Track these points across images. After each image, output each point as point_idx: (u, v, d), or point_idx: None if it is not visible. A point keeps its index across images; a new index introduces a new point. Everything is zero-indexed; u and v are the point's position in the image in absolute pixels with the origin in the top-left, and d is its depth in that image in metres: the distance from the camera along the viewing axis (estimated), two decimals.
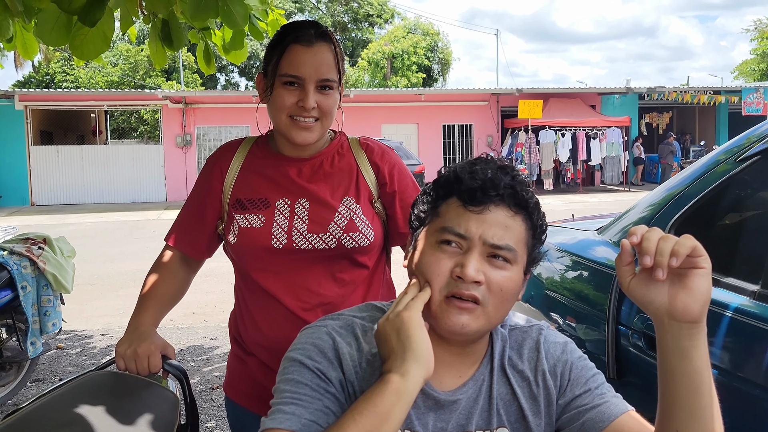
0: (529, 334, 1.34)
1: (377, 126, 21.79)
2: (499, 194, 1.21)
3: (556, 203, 18.49)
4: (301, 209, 1.79)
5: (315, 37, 1.73)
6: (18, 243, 4.49)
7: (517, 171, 1.27)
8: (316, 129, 1.76)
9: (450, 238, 1.21)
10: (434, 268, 1.21)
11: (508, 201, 1.22)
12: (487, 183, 1.21)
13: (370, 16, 42.82)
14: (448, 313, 1.19)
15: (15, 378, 4.53)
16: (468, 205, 1.21)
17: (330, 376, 1.21)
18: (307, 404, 1.17)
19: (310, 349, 1.24)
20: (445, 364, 1.27)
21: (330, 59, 1.74)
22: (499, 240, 1.20)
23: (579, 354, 1.33)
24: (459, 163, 1.28)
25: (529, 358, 1.31)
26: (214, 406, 4.47)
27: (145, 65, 38.39)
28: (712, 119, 25.58)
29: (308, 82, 1.72)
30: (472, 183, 1.21)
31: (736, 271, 1.91)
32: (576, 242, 2.66)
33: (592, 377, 1.30)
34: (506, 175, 1.23)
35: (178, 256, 1.90)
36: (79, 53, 2.93)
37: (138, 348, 1.65)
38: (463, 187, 1.22)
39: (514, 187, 1.23)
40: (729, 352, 1.75)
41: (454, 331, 1.20)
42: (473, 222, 1.20)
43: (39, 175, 20.50)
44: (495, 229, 1.20)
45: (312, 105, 1.72)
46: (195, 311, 7.02)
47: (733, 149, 2.12)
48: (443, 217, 1.24)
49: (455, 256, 1.20)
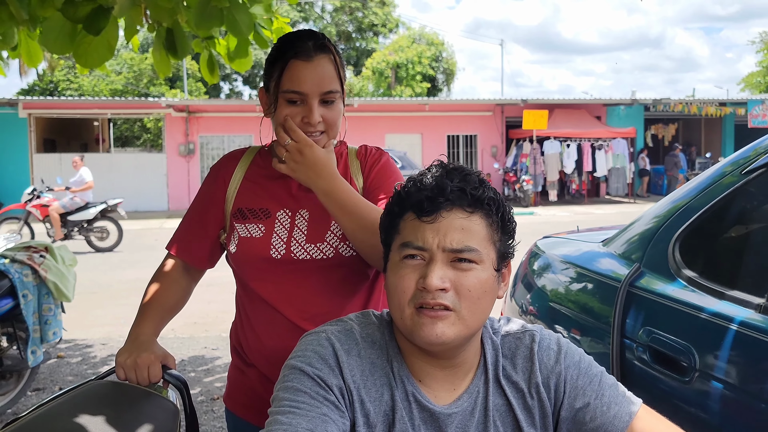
0: (523, 342, 1.33)
1: (381, 135, 21.81)
2: (448, 199, 1.22)
3: (561, 214, 18.48)
4: (301, 220, 1.78)
5: (314, 50, 1.72)
6: (20, 251, 4.48)
7: (469, 171, 1.28)
8: (322, 141, 1.76)
9: (411, 252, 1.22)
10: (402, 284, 1.22)
11: (460, 203, 1.22)
12: (434, 191, 1.22)
13: (375, 25, 42.92)
14: (422, 324, 1.19)
15: (15, 387, 4.51)
16: (421, 216, 1.22)
17: (330, 384, 1.21)
18: (305, 412, 1.16)
19: (310, 356, 1.24)
20: (437, 378, 1.27)
21: (331, 71, 1.73)
22: (458, 243, 1.20)
23: (575, 359, 1.32)
24: (410, 176, 1.30)
25: (522, 368, 1.31)
26: (215, 417, 4.45)
27: (149, 74, 38.48)
28: (718, 131, 25.57)
29: (311, 97, 1.71)
30: (419, 195, 1.23)
31: (742, 284, 1.90)
32: (581, 254, 2.64)
33: (589, 385, 1.28)
34: (453, 179, 1.24)
35: (179, 265, 1.89)
36: (83, 61, 2.94)
37: (138, 358, 1.64)
38: (413, 200, 1.24)
39: (463, 189, 1.23)
40: (734, 366, 1.73)
41: (432, 342, 1.19)
42: (429, 232, 1.21)
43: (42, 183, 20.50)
44: (452, 234, 1.21)
45: (317, 120, 1.71)
46: (196, 321, 7.01)
47: (739, 161, 2.11)
48: (402, 233, 1.26)
49: (419, 268, 1.22)
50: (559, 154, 21.54)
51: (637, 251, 2.25)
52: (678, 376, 1.84)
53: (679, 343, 1.86)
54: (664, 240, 2.16)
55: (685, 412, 1.80)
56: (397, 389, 1.25)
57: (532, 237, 3.39)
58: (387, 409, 1.24)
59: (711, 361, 1.76)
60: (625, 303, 2.08)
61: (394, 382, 1.26)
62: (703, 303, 1.88)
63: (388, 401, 1.25)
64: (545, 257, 2.82)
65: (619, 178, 22.39)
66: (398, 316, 1.23)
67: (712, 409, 1.74)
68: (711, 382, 1.75)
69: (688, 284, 1.98)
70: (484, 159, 23.25)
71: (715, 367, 1.75)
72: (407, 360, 1.28)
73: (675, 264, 2.07)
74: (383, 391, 1.25)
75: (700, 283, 1.96)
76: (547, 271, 2.74)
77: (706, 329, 1.81)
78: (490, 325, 1.36)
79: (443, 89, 40.13)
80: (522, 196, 20.73)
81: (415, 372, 1.27)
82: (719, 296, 1.87)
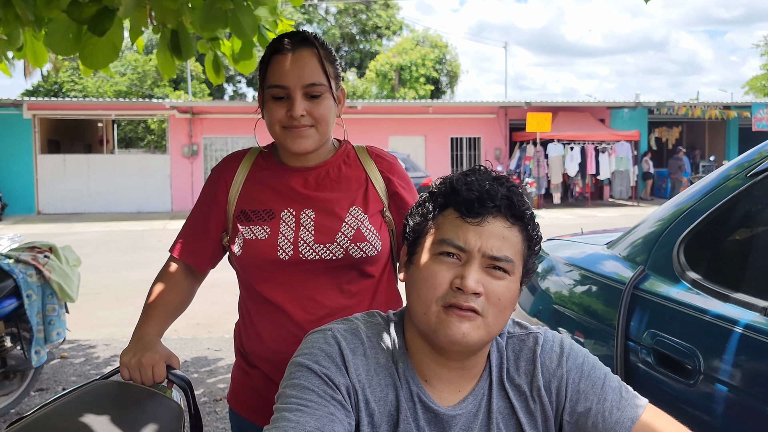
0: (526, 344, 1.33)
1: (385, 138, 21.81)
2: (496, 205, 1.22)
3: (564, 217, 18.46)
4: (307, 219, 1.77)
5: (296, 44, 1.73)
6: (24, 251, 4.49)
7: (513, 182, 1.28)
8: (312, 135, 1.75)
9: (449, 250, 1.21)
10: (434, 280, 1.21)
11: (505, 212, 1.22)
12: (484, 194, 1.21)
13: (379, 27, 42.96)
14: (448, 322, 1.19)
15: (18, 387, 4.51)
16: (466, 216, 1.21)
17: (338, 383, 1.21)
18: (313, 411, 1.15)
19: (317, 354, 1.24)
20: (444, 379, 1.27)
21: (314, 63, 1.73)
22: (498, 251, 1.20)
23: (577, 361, 1.31)
24: (454, 174, 1.28)
25: (525, 371, 1.30)
26: (218, 418, 4.45)
27: (153, 75, 38.56)
28: (722, 134, 25.52)
29: (294, 90, 1.71)
30: (469, 195, 1.22)
31: (746, 286, 1.89)
32: (585, 256, 2.64)
33: (591, 389, 1.28)
34: (502, 186, 1.24)
35: (182, 267, 1.89)
36: (88, 62, 2.95)
37: (142, 358, 1.64)
38: (460, 199, 1.23)
39: (511, 198, 1.23)
40: (739, 369, 1.73)
41: (455, 341, 1.19)
42: (471, 234, 1.20)
43: (45, 183, 20.54)
44: (493, 241, 1.20)
45: (299, 113, 1.71)
46: (199, 322, 7.01)
47: (744, 164, 2.11)
48: (441, 229, 1.24)
49: (454, 267, 1.21)
50: (563, 156, 21.51)
51: (642, 254, 2.25)
52: (682, 379, 1.83)
53: (683, 346, 1.85)
54: (669, 243, 2.15)
55: (689, 416, 1.79)
56: (401, 389, 1.25)
57: None
58: (392, 410, 1.24)
59: (716, 364, 1.76)
60: (629, 306, 2.08)
61: (399, 382, 1.25)
62: (707, 306, 1.87)
63: (392, 401, 1.25)
64: (549, 260, 2.81)
65: (623, 181, 22.36)
66: (421, 311, 1.22)
67: (717, 413, 1.73)
68: (716, 385, 1.75)
69: (692, 287, 1.98)
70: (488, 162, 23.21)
71: (720, 370, 1.75)
72: (414, 359, 1.28)
73: (679, 266, 2.07)
74: (388, 391, 1.25)
75: (704, 285, 1.95)
76: (551, 273, 2.74)
77: (710, 332, 1.81)
78: None
79: (447, 91, 40.15)
80: None
81: (421, 372, 1.27)
82: (724, 299, 1.86)
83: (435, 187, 1.30)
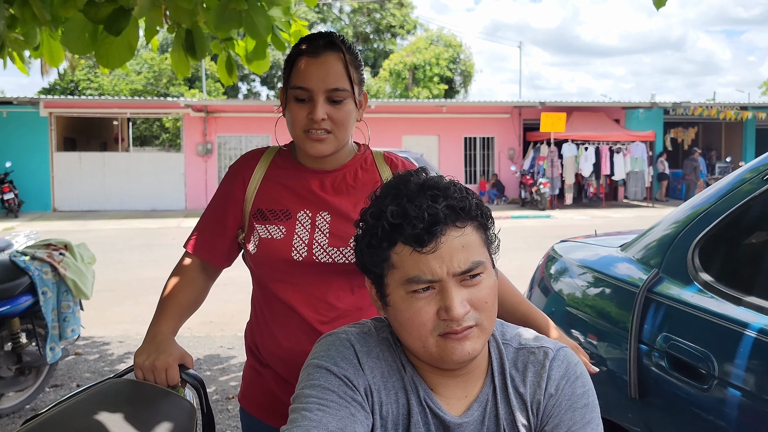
0: (536, 357, 1.29)
1: (398, 137, 21.81)
2: (443, 223, 1.17)
3: (578, 218, 18.40)
4: (323, 222, 1.78)
5: (322, 48, 1.72)
6: (39, 248, 4.52)
7: (444, 183, 1.22)
8: (330, 141, 1.75)
9: (421, 286, 1.17)
10: (419, 318, 1.18)
11: (452, 221, 1.17)
12: (428, 222, 1.15)
13: (393, 27, 42.96)
14: (451, 348, 1.17)
15: (33, 383, 4.56)
16: (420, 249, 1.16)
17: (357, 384, 1.21)
18: (334, 411, 1.15)
19: (335, 355, 1.24)
20: (449, 386, 1.26)
21: (339, 68, 1.72)
22: (465, 263, 1.17)
23: (576, 390, 1.26)
24: (387, 205, 1.20)
25: (531, 383, 1.28)
26: (230, 416, 4.46)
27: (169, 74, 38.76)
28: (739, 135, 25.31)
29: (317, 93, 1.70)
30: (413, 229, 1.16)
31: (762, 290, 1.88)
32: (598, 259, 2.63)
33: (570, 423, 1.23)
34: (438, 200, 1.18)
35: (197, 264, 1.89)
36: (104, 62, 2.97)
37: (156, 361, 1.65)
38: (407, 233, 1.16)
39: (452, 207, 1.18)
40: (753, 374, 1.71)
41: (463, 361, 1.19)
42: (433, 262, 1.16)
43: (61, 181, 20.70)
44: (456, 256, 1.17)
45: (321, 116, 1.70)
46: (212, 320, 7.04)
47: (759, 168, 2.09)
48: (400, 267, 1.19)
49: (433, 298, 1.17)
50: (576, 157, 21.41)
51: (656, 257, 2.24)
52: (696, 383, 1.82)
53: (697, 350, 1.84)
54: (684, 246, 2.14)
55: (703, 420, 1.78)
56: (412, 393, 1.25)
57: (549, 241, 3.38)
58: (403, 413, 1.24)
59: (730, 368, 1.74)
60: (643, 309, 2.07)
61: (409, 386, 1.25)
62: (722, 309, 1.86)
63: (404, 405, 1.25)
64: (562, 261, 2.80)
65: (638, 182, 22.21)
66: (419, 346, 1.19)
67: (731, 418, 1.72)
68: (730, 390, 1.73)
69: (707, 290, 1.97)
70: (501, 161, 23.18)
71: (734, 374, 1.73)
72: (420, 371, 1.27)
73: (694, 270, 2.06)
74: (399, 394, 1.25)
75: (719, 289, 1.94)
76: (564, 275, 2.73)
77: (725, 336, 1.80)
78: (499, 330, 1.34)
79: (460, 91, 40.10)
80: (539, 199, 20.63)
81: (427, 381, 1.27)
82: (738, 303, 1.85)
83: (371, 223, 1.21)
